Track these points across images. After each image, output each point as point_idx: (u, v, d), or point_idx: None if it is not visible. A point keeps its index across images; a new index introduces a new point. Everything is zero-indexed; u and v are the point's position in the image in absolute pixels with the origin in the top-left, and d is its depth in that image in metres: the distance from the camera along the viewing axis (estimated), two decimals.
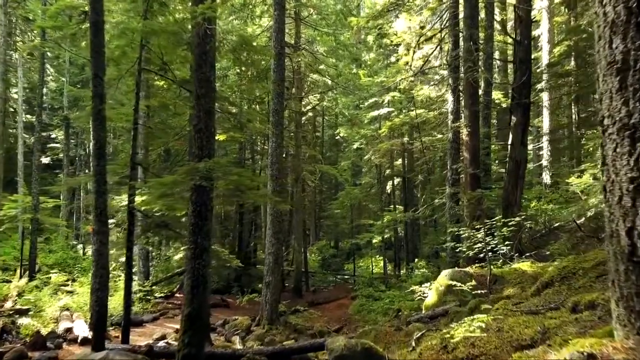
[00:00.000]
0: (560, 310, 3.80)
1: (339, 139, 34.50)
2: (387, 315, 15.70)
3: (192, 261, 6.65)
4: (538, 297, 5.17)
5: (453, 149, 13.06)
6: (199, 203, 6.67)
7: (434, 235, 18.04)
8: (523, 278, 7.65)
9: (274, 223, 13.86)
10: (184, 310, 6.56)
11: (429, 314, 7.66)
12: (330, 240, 37.89)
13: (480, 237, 8.24)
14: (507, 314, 4.05)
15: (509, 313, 4.18)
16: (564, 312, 3.55)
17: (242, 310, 16.03)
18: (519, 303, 4.88)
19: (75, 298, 13.89)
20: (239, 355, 7.92)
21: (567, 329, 2.96)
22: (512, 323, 3.51)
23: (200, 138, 6.78)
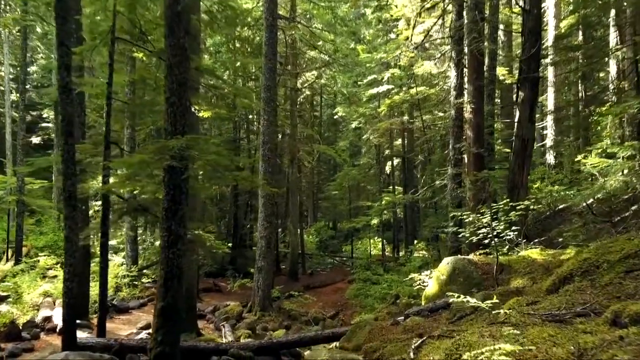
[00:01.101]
0: (592, 319, 3.12)
1: (337, 118, 33.67)
2: (385, 300, 15.12)
3: (165, 250, 5.96)
4: (556, 295, 4.47)
5: (456, 127, 12.27)
6: (173, 185, 5.95)
7: (434, 218, 17.38)
8: (532, 267, 6.97)
9: (266, 206, 13.18)
10: (157, 304, 5.90)
11: (429, 307, 7.00)
12: (329, 221, 37.31)
13: (485, 222, 7.54)
14: (525, 321, 3.36)
15: (526, 319, 3.49)
16: (600, 325, 2.86)
17: (235, 295, 15.47)
18: (535, 302, 4.19)
19: (58, 284, 13.24)
20: (223, 349, 7.30)
21: (612, 352, 2.29)
22: (535, 337, 2.83)
23: (174, 112, 6.01)
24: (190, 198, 10.49)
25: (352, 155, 34.53)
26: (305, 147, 23.37)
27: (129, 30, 8.59)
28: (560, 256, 7.06)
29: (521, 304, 4.34)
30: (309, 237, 30.66)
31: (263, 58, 13.53)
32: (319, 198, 33.62)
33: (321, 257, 27.49)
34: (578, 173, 20.57)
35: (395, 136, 25.14)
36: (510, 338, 2.91)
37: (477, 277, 7.32)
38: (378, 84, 21.90)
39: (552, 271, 6.50)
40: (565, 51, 14.69)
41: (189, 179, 6.10)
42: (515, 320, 3.41)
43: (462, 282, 7.36)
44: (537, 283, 6.09)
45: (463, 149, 11.54)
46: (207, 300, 15.51)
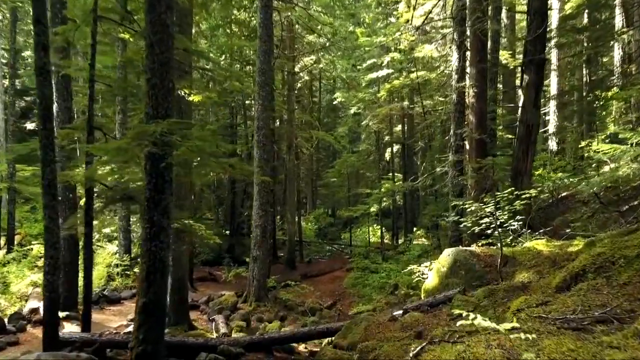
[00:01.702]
0: (616, 328, 2.73)
1: (336, 104, 33.08)
2: (383, 290, 14.83)
3: (147, 243, 5.57)
4: (568, 294, 4.09)
5: (457, 112, 11.82)
6: (155, 174, 5.54)
7: (434, 206, 17.01)
8: (539, 260, 6.59)
9: (261, 193, 12.77)
10: (138, 300, 5.53)
11: (429, 301, 6.64)
12: (328, 208, 36.97)
13: (488, 211, 7.15)
14: (538, 328, 2.97)
15: (539, 325, 3.11)
16: (629, 337, 2.47)
17: (230, 284, 15.15)
18: (546, 303, 3.80)
19: None
20: (212, 345, 6.97)
21: None
22: (552, 351, 2.44)
23: (155, 95, 5.58)
24: (180, 187, 10.13)
25: (352, 141, 34.06)
26: (303, 134, 22.92)
27: (113, 9, 8.11)
28: (567, 248, 6.68)
29: (530, 304, 3.96)
30: (307, 225, 30.34)
31: (258, 40, 13.02)
32: (317, 185, 33.21)
33: (320, 244, 27.19)
34: (581, 160, 20.18)
35: (395, 122, 24.66)
36: (522, 350, 2.53)
37: (480, 269, 6.95)
38: (378, 69, 21.37)
39: (559, 264, 6.13)
40: (572, 33, 14.13)
41: (173, 167, 5.69)
42: (526, 327, 3.02)
43: (463, 275, 6.99)
44: (545, 277, 5.71)
45: (465, 135, 11.11)
46: (202, 289, 15.19)
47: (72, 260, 10.74)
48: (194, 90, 9.08)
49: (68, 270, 10.89)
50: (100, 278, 13.10)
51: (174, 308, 9.95)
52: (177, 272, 9.96)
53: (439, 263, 7.55)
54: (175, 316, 9.90)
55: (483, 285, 6.70)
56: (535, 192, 7.09)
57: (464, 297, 5.97)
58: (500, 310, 4.61)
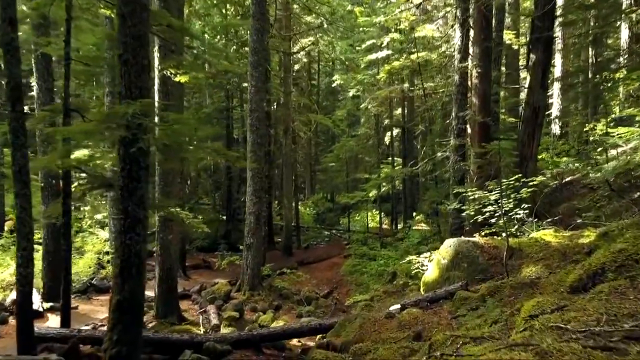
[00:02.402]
0: None
1: (335, 87, 32.39)
2: (382, 278, 14.42)
3: (121, 235, 5.10)
4: (587, 296, 3.62)
5: (459, 93, 11.24)
6: (129, 160, 5.04)
7: (434, 191, 16.52)
8: (547, 252, 6.13)
9: (254, 179, 12.28)
10: (112, 297, 5.08)
11: (429, 296, 6.19)
12: (327, 193, 36.51)
13: (493, 199, 6.67)
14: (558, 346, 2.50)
15: (558, 340, 2.64)
16: None
17: (224, 272, 14.75)
18: (562, 308, 3.33)
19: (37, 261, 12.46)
20: (198, 342, 6.55)
21: None
22: None
23: (127, 72, 5.04)
24: (167, 173, 9.62)
25: (351, 125, 33.44)
26: (300, 117, 22.34)
27: None
28: (578, 239, 6.21)
29: (544, 308, 3.49)
30: (305, 210, 29.92)
31: (251, 19, 12.38)
32: (316, 170, 32.70)
33: (318, 230, 26.80)
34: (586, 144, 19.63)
35: (395, 105, 24.04)
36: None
37: (483, 262, 6.50)
38: (377, 50, 20.66)
39: (570, 257, 5.67)
40: (580, 10, 13.48)
41: (150, 152, 5.18)
42: (544, 343, 2.55)
43: (465, 268, 6.54)
44: (555, 273, 5.25)
45: (467, 118, 10.57)
46: (195, 277, 14.79)
47: (56, 249, 10.30)
48: (180, 70, 8.50)
49: (52, 259, 10.48)
50: (90, 266, 12.68)
51: (162, 299, 9.55)
52: (166, 261, 9.54)
53: (440, 254, 7.09)
54: (163, 308, 9.50)
55: (487, 279, 6.26)
56: (543, 179, 6.58)
57: (466, 294, 5.52)
58: (507, 312, 4.15)
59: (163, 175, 9.40)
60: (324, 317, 11.83)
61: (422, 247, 14.44)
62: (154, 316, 9.57)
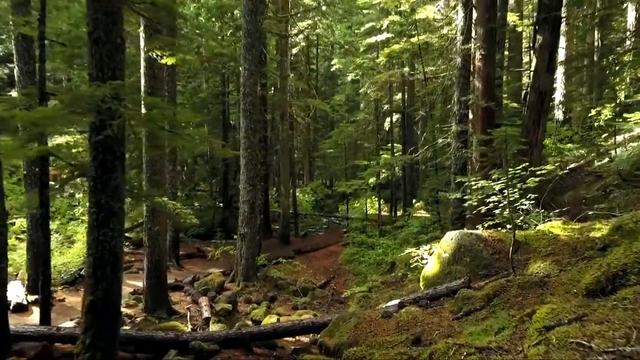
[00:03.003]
0: None
1: (335, 71, 31.77)
2: (380, 267, 14.07)
3: (94, 231, 4.68)
4: (607, 302, 3.21)
5: (462, 77, 10.74)
6: (102, 148, 4.60)
7: (434, 179, 16.09)
8: (556, 247, 5.72)
9: (248, 166, 11.85)
10: (85, 298, 4.69)
11: (429, 293, 5.80)
12: (326, 179, 36.08)
13: (497, 189, 6.24)
14: None
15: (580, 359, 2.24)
16: None
17: (219, 261, 14.36)
18: (582, 318, 2.93)
19: (23, 251, 12.08)
20: (184, 341, 6.17)
21: None
22: None
23: (99, 52, 4.58)
24: (154, 161, 9.18)
25: (350, 110, 32.90)
26: (298, 102, 21.81)
27: None
28: (589, 232, 5.80)
29: (560, 317, 3.08)
30: (304, 197, 29.53)
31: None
32: (314, 156, 32.23)
33: (316, 217, 26.45)
34: (590, 130, 19.14)
35: (395, 90, 23.50)
36: None
37: (487, 256, 6.10)
38: (376, 33, 20.07)
39: (582, 253, 5.26)
40: None
41: (124, 140, 4.74)
42: None
43: (468, 263, 6.14)
44: (566, 271, 4.85)
45: (470, 103, 10.09)
46: (189, 267, 14.44)
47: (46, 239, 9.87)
48: (166, 52, 8.00)
49: (37, 250, 10.06)
50: (80, 256, 12.27)
51: (151, 292, 9.18)
52: (154, 253, 9.14)
53: (441, 248, 6.69)
54: (152, 301, 9.14)
55: (491, 275, 5.86)
56: (552, 168, 6.15)
57: (469, 292, 5.12)
58: (516, 318, 3.74)
59: (150, 163, 8.96)
60: (320, 308, 11.54)
61: (421, 236, 14.07)
62: (142, 309, 9.22)
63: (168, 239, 14.37)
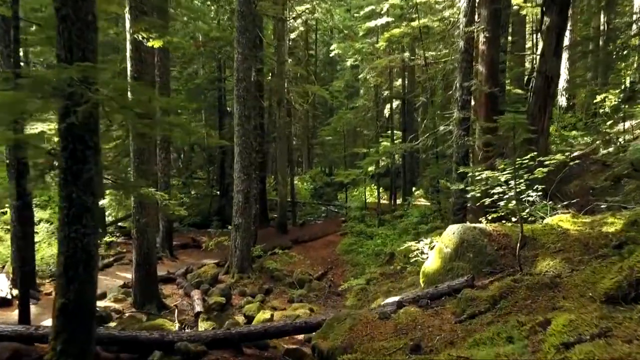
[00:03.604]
0: None
1: (334, 57, 31.17)
2: (378, 258, 13.74)
3: (65, 227, 4.29)
4: (632, 313, 2.83)
5: (464, 61, 10.24)
6: (72, 137, 4.20)
7: (435, 167, 15.68)
8: (566, 242, 5.34)
9: (242, 155, 11.43)
10: (56, 300, 4.31)
11: (429, 292, 5.43)
12: (325, 167, 35.64)
13: (503, 180, 5.84)
14: None
15: None
16: None
17: (214, 252, 14.01)
18: (607, 334, 2.55)
19: (8, 243, 11.71)
20: (169, 341, 5.83)
21: None
22: None
23: (67, 31, 4.14)
24: (141, 150, 8.77)
25: (349, 96, 32.37)
26: (296, 88, 21.30)
27: None
28: (602, 227, 5.41)
29: (580, 331, 2.70)
30: (303, 185, 29.15)
31: None
32: (313, 144, 31.75)
33: (313, 206, 26.09)
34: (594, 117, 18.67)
35: (395, 76, 22.96)
36: None
37: (492, 252, 5.72)
38: (376, 17, 19.49)
39: (595, 250, 4.88)
40: None
41: (96, 128, 4.33)
42: None
43: (471, 259, 5.77)
44: (578, 270, 4.47)
45: (473, 89, 9.64)
46: (183, 258, 14.11)
47: (24, 233, 9.48)
48: (153, 35, 7.55)
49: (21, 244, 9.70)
50: None
51: (140, 286, 8.83)
52: (143, 245, 8.78)
53: (442, 242, 6.31)
54: (141, 295, 8.79)
55: (496, 272, 5.49)
56: (562, 158, 5.74)
57: (473, 293, 4.75)
58: (527, 327, 3.37)
59: (138, 152, 8.55)
60: (316, 301, 11.22)
61: (421, 226, 13.71)
62: (131, 304, 8.88)
63: (161, 229, 14.04)
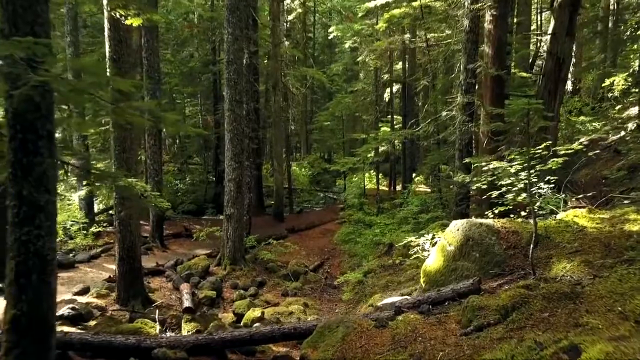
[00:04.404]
0: None
1: (333, 39, 30.37)
2: (377, 249, 13.27)
3: (16, 229, 3.75)
4: None
5: (469, 42, 9.59)
6: (21, 126, 3.63)
7: (436, 154, 15.10)
8: (583, 242, 4.81)
9: (233, 142, 10.85)
10: (6, 312, 3.78)
11: (431, 296, 4.91)
12: (323, 152, 35.03)
13: (513, 171, 5.28)
14: None
15: None
16: None
17: (207, 242, 13.52)
18: None
19: None
20: (146, 347, 5.33)
21: None
22: None
23: (12, 3, 3.54)
24: (123, 138, 8.19)
25: (348, 80, 31.60)
26: (292, 72, 20.62)
27: None
28: (622, 224, 4.88)
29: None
30: (301, 171, 28.57)
31: None
32: (310, 129, 31.10)
33: (311, 193, 25.57)
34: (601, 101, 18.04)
35: (396, 59, 22.24)
36: None
37: (500, 252, 5.18)
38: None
39: (617, 251, 4.35)
40: None
41: (50, 115, 3.75)
42: None
43: (477, 259, 5.24)
44: (601, 277, 3.93)
45: (478, 71, 9.01)
46: (174, 248, 13.62)
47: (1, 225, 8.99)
48: (130, 12, 6.91)
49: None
50: None
51: (124, 282, 8.32)
52: (126, 239, 8.24)
53: (445, 239, 5.77)
54: (125, 291, 8.29)
55: (505, 274, 4.97)
56: (580, 147, 5.18)
57: (480, 301, 4.22)
58: (549, 351, 2.84)
59: (119, 139, 7.96)
60: (311, 294, 10.74)
61: (421, 216, 13.19)
62: (115, 300, 8.39)
63: (151, 219, 13.53)
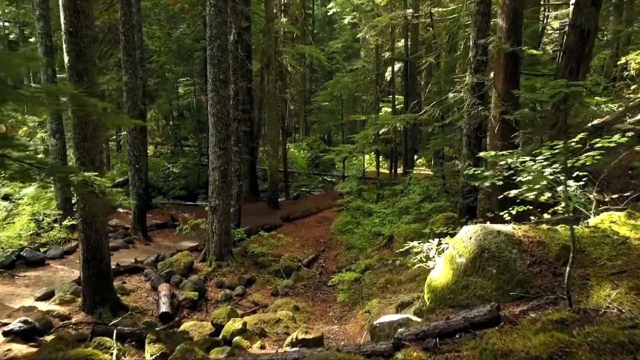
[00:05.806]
0: None
1: (332, 15, 28.99)
2: (376, 241, 12.37)
3: None
4: None
5: (480, 14, 8.48)
6: None
7: (440, 137, 14.05)
8: (629, 259, 3.86)
9: (217, 126, 9.86)
10: None
11: (439, 327, 3.96)
12: (323, 134, 33.93)
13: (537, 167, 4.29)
14: None
15: None
16: None
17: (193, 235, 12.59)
18: None
19: None
20: None
21: None
22: None
23: None
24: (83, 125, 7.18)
25: (348, 58, 30.33)
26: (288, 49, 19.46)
27: None
28: None
29: None
30: (299, 153, 27.56)
31: None
32: (308, 110, 29.98)
33: (311, 176, 24.60)
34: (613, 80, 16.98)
35: (397, 36, 20.99)
36: None
37: (523, 268, 4.23)
38: None
39: None
40: None
41: None
42: None
43: (495, 276, 4.29)
44: None
45: (492, 46, 7.93)
46: (158, 241, 12.73)
47: None
48: None
49: None
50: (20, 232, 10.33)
51: (90, 286, 7.44)
52: (90, 239, 7.32)
53: (454, 248, 4.82)
54: (92, 298, 7.41)
55: (529, 298, 4.02)
56: (623, 140, 4.16)
57: (504, 342, 3.26)
58: None
59: (79, 126, 6.99)
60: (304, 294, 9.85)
61: (424, 205, 12.22)
62: (80, 307, 7.51)
63: (133, 209, 12.62)
